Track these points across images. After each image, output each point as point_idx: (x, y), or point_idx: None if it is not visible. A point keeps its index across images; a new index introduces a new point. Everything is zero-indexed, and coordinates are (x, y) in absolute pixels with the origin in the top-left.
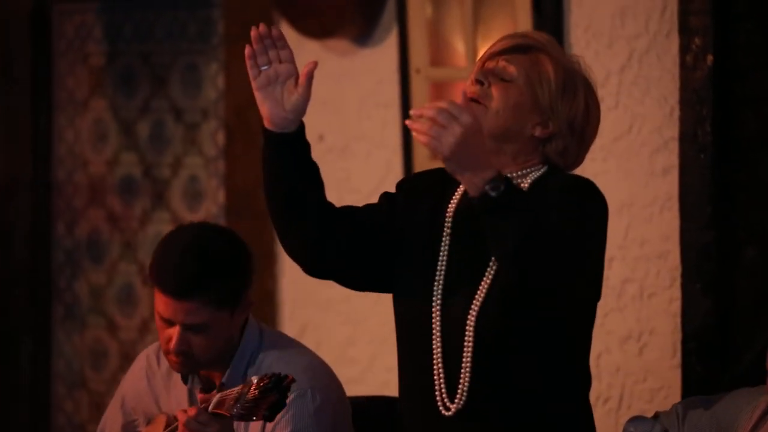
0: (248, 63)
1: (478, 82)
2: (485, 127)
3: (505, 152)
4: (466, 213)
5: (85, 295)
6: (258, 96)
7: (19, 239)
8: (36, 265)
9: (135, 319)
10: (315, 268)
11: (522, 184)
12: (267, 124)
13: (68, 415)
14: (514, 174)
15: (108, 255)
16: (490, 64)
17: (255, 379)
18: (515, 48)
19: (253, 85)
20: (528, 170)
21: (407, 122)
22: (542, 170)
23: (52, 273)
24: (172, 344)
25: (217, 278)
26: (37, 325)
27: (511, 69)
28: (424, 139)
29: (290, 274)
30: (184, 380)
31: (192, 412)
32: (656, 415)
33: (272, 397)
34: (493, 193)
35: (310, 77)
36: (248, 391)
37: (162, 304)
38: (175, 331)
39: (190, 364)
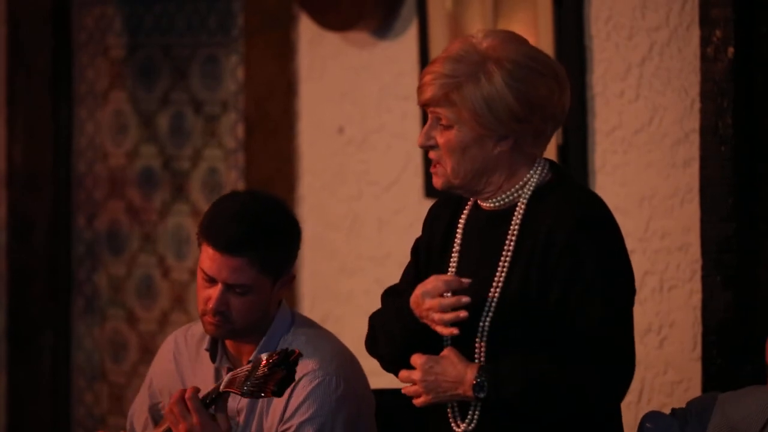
0: None
1: (431, 147)
2: (456, 185)
3: (491, 181)
4: (474, 222)
5: (105, 288)
6: None
7: (39, 231)
8: (56, 257)
9: (154, 311)
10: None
11: (522, 199)
12: None
13: (88, 407)
14: (515, 188)
15: (128, 247)
16: (429, 120)
17: (264, 356)
18: (435, 97)
19: None
20: (525, 179)
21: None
22: (537, 173)
23: (72, 265)
24: (212, 303)
25: (266, 241)
26: (57, 318)
27: (443, 120)
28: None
29: (310, 267)
30: (212, 358)
31: (188, 393)
32: (673, 412)
33: (280, 373)
34: (481, 394)
35: None
36: (258, 369)
37: (208, 259)
38: (216, 290)
39: (225, 326)
